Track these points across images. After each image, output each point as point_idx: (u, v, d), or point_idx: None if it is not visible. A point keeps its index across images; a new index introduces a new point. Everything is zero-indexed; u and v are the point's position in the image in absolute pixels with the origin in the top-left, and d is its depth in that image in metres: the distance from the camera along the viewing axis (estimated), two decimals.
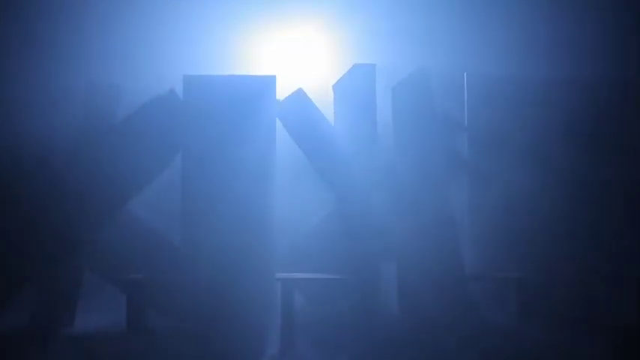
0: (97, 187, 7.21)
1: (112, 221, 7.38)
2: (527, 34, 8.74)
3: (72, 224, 7.22)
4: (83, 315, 7.58)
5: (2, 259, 7.14)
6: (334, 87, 7.94)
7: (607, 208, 8.27)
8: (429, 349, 6.56)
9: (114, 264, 7.48)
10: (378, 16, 8.77)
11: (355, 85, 7.54)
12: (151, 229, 7.64)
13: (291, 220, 7.96)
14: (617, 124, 8.39)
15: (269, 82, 7.06)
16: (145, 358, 6.43)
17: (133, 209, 7.56)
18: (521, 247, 8.12)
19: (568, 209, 8.23)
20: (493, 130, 8.29)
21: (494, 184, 8.27)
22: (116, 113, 7.54)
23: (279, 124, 7.35)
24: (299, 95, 7.47)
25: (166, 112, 7.23)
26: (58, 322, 7.42)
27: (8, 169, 7.38)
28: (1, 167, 7.37)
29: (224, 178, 6.98)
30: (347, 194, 7.50)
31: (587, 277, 7.99)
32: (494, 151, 8.30)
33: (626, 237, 8.06)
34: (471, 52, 8.82)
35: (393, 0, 8.84)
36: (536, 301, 7.73)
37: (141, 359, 6.43)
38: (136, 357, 6.47)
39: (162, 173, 7.43)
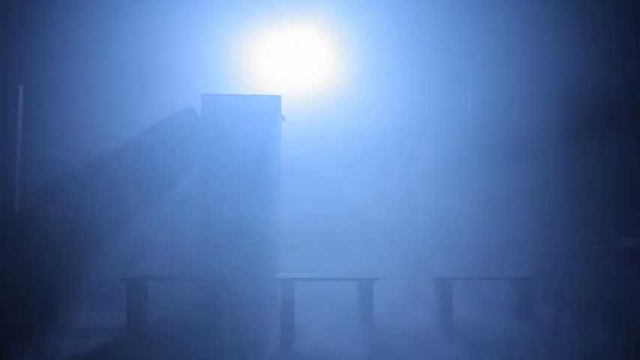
0: (117, 195, 7.97)
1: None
2: (528, 32, 8.77)
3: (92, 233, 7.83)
4: (84, 314, 7.59)
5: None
6: None
7: (607, 209, 8.31)
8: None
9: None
10: (378, 16, 8.78)
11: None
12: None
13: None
14: (616, 126, 8.45)
15: (275, 101, 7.61)
16: (145, 358, 6.42)
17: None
18: (522, 248, 8.16)
19: (567, 210, 8.27)
20: (493, 134, 8.41)
21: (491, 186, 8.35)
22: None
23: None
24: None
25: (185, 128, 8.17)
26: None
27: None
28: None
29: (234, 187, 7.46)
30: None
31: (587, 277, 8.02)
32: (494, 153, 8.40)
33: (627, 237, 8.09)
34: (471, 51, 8.84)
35: (393, 0, 8.86)
36: (537, 301, 7.76)
37: (141, 358, 6.43)
38: (135, 356, 6.47)
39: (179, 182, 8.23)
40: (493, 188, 8.53)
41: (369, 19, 8.77)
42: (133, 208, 8.09)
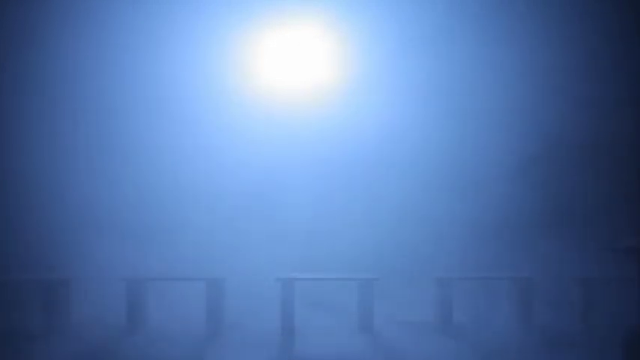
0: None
1: None
2: (528, 31, 8.76)
3: None
4: (84, 314, 7.60)
5: None
6: None
7: (609, 209, 8.31)
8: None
9: None
10: (378, 16, 8.78)
11: None
12: None
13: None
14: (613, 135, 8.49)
15: None
16: (144, 358, 6.42)
17: None
18: (522, 248, 8.17)
19: (567, 210, 8.27)
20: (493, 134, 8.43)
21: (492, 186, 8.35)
22: None
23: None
24: None
25: None
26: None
27: None
28: None
29: None
30: None
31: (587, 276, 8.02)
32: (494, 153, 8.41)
33: (626, 236, 8.09)
34: (471, 52, 8.83)
35: (394, 0, 8.85)
36: (537, 302, 7.76)
37: (140, 358, 6.43)
38: (134, 356, 6.47)
39: None
40: (493, 189, 8.52)
41: (370, 19, 8.77)
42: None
